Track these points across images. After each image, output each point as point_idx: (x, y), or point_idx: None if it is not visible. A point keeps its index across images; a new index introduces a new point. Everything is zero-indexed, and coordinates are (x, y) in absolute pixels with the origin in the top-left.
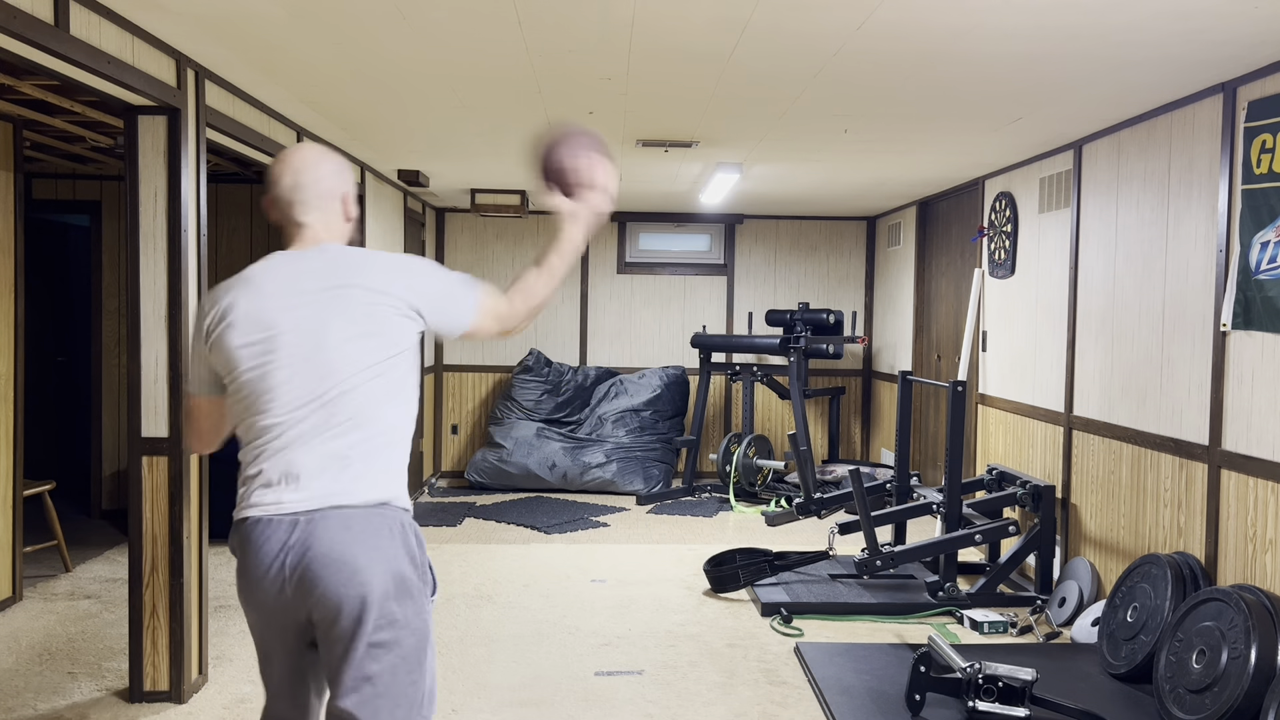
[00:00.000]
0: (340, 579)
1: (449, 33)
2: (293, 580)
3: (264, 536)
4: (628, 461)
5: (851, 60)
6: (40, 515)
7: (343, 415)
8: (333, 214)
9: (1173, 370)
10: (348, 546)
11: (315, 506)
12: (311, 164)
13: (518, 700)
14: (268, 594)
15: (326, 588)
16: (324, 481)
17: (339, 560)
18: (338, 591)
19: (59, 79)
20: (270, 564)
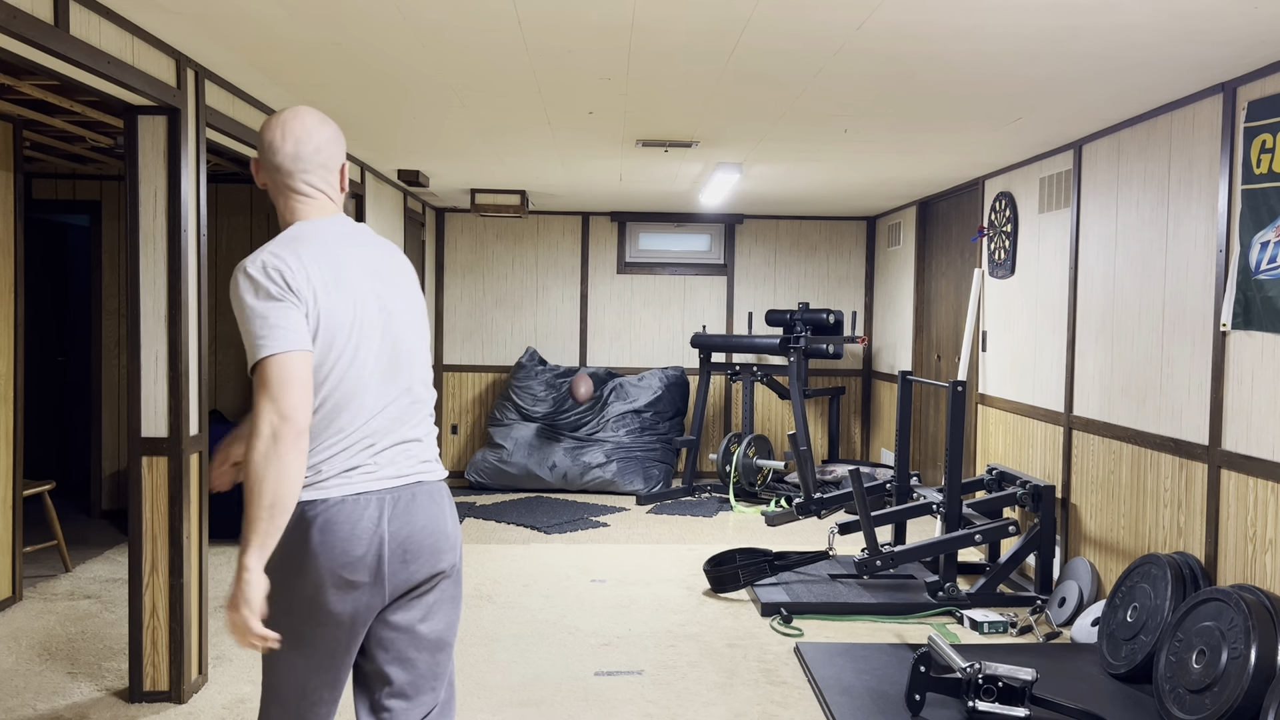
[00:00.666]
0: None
1: (449, 33)
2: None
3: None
4: (628, 461)
5: (851, 60)
6: (40, 515)
7: (422, 406)
8: (333, 185)
9: (1173, 370)
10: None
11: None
12: (312, 132)
13: (518, 700)
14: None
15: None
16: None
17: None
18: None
19: (59, 79)
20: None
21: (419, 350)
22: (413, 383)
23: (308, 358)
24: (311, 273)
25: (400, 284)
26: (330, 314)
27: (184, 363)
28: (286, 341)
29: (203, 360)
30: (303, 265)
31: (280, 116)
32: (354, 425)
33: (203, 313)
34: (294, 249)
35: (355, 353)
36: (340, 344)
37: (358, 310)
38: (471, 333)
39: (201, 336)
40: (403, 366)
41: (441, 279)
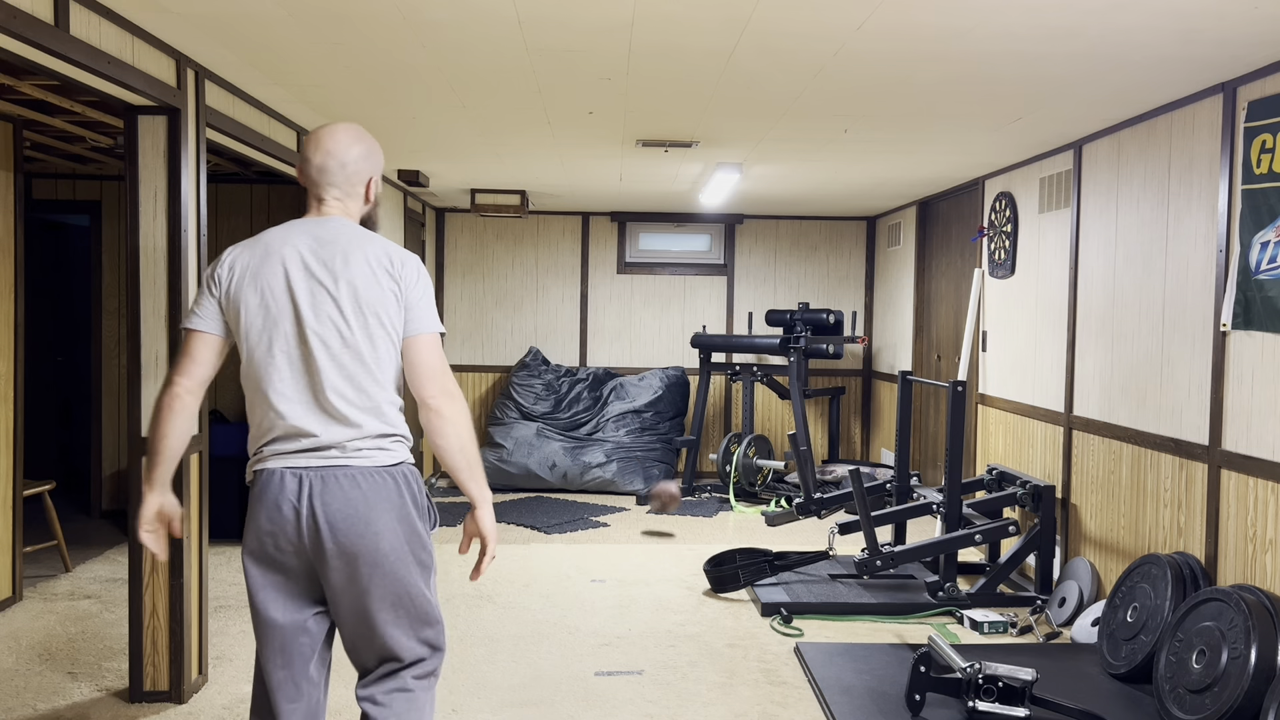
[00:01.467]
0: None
1: (449, 33)
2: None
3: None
4: (628, 461)
5: (851, 60)
6: (40, 515)
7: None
8: (356, 196)
9: (1173, 370)
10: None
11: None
12: (343, 148)
13: (518, 700)
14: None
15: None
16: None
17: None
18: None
19: (59, 79)
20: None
21: (347, 333)
22: (329, 359)
23: (195, 339)
24: (236, 265)
25: (344, 277)
26: (241, 297)
27: None
28: (189, 321)
29: None
30: (233, 258)
31: (319, 131)
32: (265, 405)
33: None
34: (246, 244)
35: (265, 338)
36: (253, 328)
37: (275, 299)
38: (471, 333)
39: None
40: (320, 346)
41: (441, 279)
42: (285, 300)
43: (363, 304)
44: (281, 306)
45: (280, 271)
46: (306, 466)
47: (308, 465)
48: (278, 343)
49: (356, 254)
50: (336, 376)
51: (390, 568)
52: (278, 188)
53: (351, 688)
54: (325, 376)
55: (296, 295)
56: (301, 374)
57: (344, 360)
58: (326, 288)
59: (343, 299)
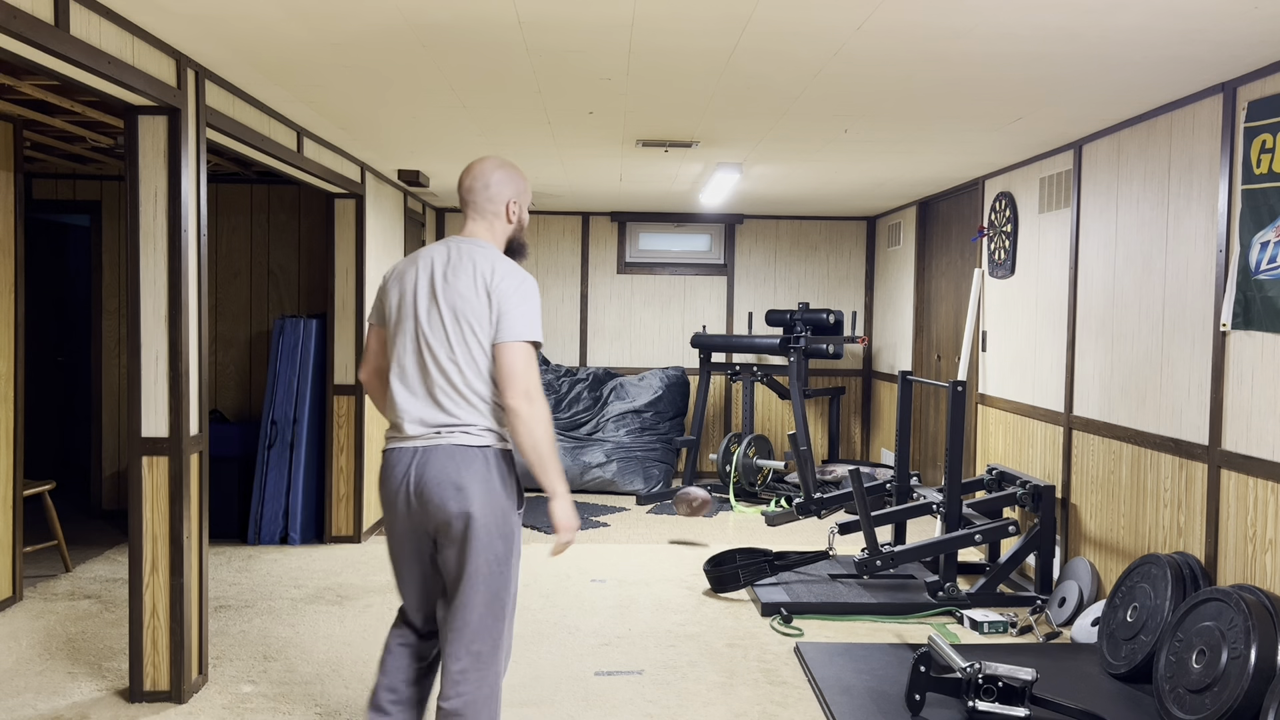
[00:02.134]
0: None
1: (449, 33)
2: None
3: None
4: (628, 461)
5: (851, 60)
6: (40, 515)
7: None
8: (500, 209)
9: (1173, 370)
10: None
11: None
12: (485, 173)
13: (518, 700)
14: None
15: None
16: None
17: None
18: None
19: (59, 79)
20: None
21: (449, 339)
22: (434, 361)
23: (374, 331)
24: (395, 269)
25: (453, 290)
26: (387, 301)
27: (184, 363)
28: (369, 315)
29: (203, 360)
30: (394, 264)
31: (470, 162)
32: (391, 391)
33: (203, 313)
34: (416, 252)
35: (398, 333)
36: (391, 322)
37: (405, 302)
38: None
39: (202, 336)
40: (429, 348)
41: None
42: (410, 305)
43: (459, 314)
44: (408, 309)
45: (414, 279)
46: (414, 446)
47: (415, 445)
48: (404, 339)
49: (467, 269)
50: (438, 374)
51: (480, 551)
52: (278, 188)
53: (353, 688)
54: (432, 373)
55: (419, 301)
56: (416, 368)
57: (444, 362)
58: (438, 298)
59: (446, 309)
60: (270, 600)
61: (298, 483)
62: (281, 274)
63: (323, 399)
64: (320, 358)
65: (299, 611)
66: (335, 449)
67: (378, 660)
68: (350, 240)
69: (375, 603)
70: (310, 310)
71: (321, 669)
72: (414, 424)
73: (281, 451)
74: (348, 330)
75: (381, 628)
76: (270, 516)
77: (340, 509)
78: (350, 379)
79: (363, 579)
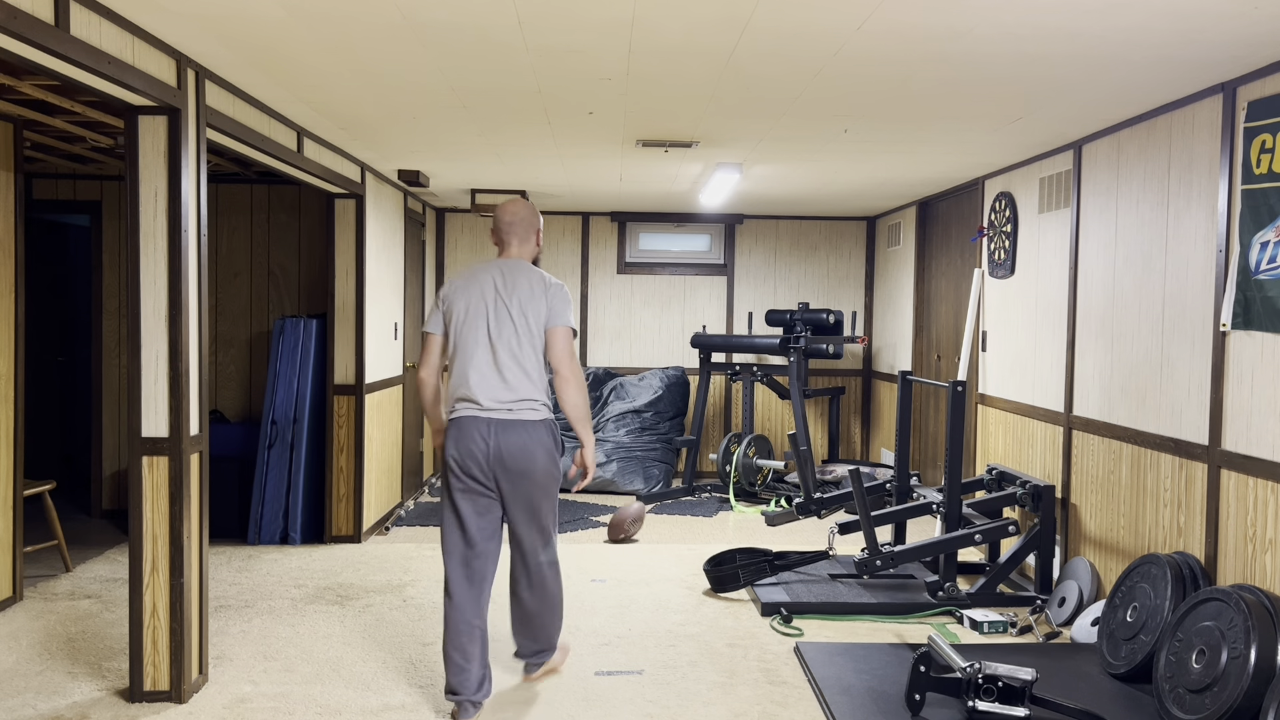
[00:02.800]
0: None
1: (449, 33)
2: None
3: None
4: (628, 461)
5: (851, 60)
6: (40, 515)
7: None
8: (530, 239)
9: (1172, 370)
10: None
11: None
12: (519, 210)
13: (518, 700)
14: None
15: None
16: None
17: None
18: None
19: (59, 79)
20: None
21: (516, 336)
22: (505, 352)
23: (431, 339)
24: (451, 288)
25: (515, 297)
26: (453, 309)
27: (184, 363)
28: (426, 325)
29: (203, 360)
30: (452, 284)
31: (503, 204)
32: (464, 374)
33: (203, 313)
34: (462, 274)
35: (465, 332)
36: (458, 326)
37: (472, 308)
38: None
39: (202, 336)
40: (499, 342)
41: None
42: (480, 309)
43: (524, 312)
44: (477, 313)
45: (479, 291)
46: (489, 417)
47: (490, 416)
48: (477, 335)
49: (524, 282)
50: (508, 359)
51: (536, 490)
52: (278, 188)
53: (354, 689)
54: (500, 358)
55: (487, 306)
56: (488, 355)
57: (514, 349)
58: (505, 303)
59: (513, 311)
60: (270, 600)
61: (298, 483)
62: (282, 274)
63: (323, 399)
64: (320, 358)
65: (299, 611)
66: (335, 449)
67: (448, 638)
68: (350, 240)
69: (375, 603)
70: (310, 310)
71: (321, 669)
72: (489, 400)
73: (282, 451)
74: (348, 330)
75: (382, 627)
76: (270, 516)
77: (340, 509)
78: (350, 379)
79: (363, 579)
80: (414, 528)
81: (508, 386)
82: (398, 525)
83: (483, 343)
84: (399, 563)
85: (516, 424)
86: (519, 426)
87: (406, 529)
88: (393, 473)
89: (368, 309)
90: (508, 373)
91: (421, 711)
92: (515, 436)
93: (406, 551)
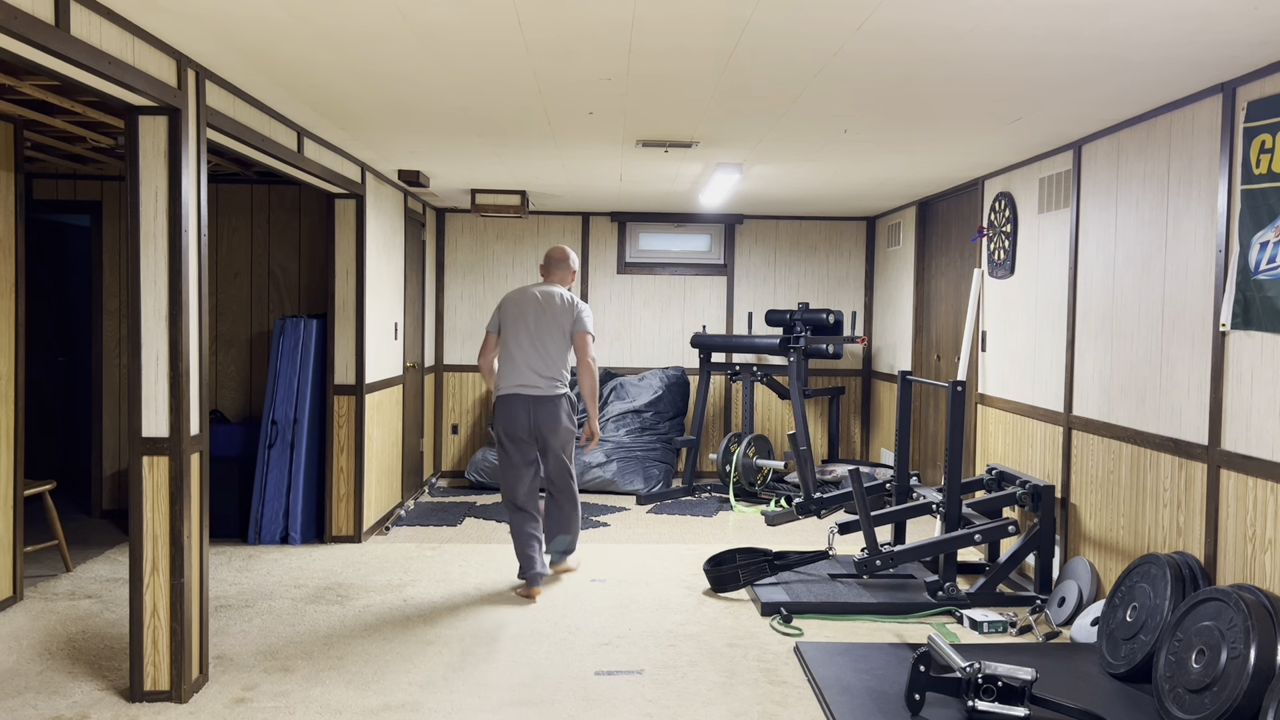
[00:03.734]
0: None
1: (449, 32)
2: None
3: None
4: (628, 461)
5: (851, 61)
6: (41, 515)
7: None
8: (565, 274)
9: (1172, 370)
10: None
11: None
12: (559, 255)
13: (518, 700)
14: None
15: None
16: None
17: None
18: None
19: (59, 79)
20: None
21: (548, 337)
22: (540, 349)
23: (490, 336)
24: (506, 301)
25: (549, 311)
26: (505, 316)
27: (184, 363)
28: (488, 326)
29: (203, 360)
30: (507, 298)
31: (553, 247)
32: (511, 363)
33: (203, 313)
34: (514, 291)
35: (513, 332)
36: (508, 327)
37: (519, 316)
38: (472, 333)
39: (202, 336)
40: (536, 341)
41: (442, 279)
42: (524, 316)
43: (557, 321)
44: (524, 318)
45: (525, 302)
46: (527, 395)
47: (528, 394)
48: (521, 335)
49: (557, 299)
50: (541, 351)
51: (560, 440)
52: (278, 188)
53: (354, 689)
54: (539, 352)
55: (530, 314)
56: (530, 349)
57: (547, 347)
58: (544, 312)
59: (547, 318)
60: (270, 600)
61: (298, 482)
62: (282, 274)
63: (323, 399)
64: (321, 358)
65: (299, 611)
66: (335, 449)
67: (518, 526)
68: (350, 240)
69: (375, 602)
70: (310, 310)
71: (322, 669)
72: (526, 384)
73: (282, 451)
74: (348, 330)
75: (383, 627)
76: (270, 516)
77: (341, 509)
78: (350, 379)
79: (363, 579)
80: (414, 528)
81: (538, 373)
82: (398, 525)
83: (525, 342)
84: (399, 563)
85: (546, 399)
86: (548, 401)
87: (407, 529)
88: (393, 473)
89: (368, 309)
90: (540, 362)
91: (421, 711)
92: (545, 408)
93: (407, 551)
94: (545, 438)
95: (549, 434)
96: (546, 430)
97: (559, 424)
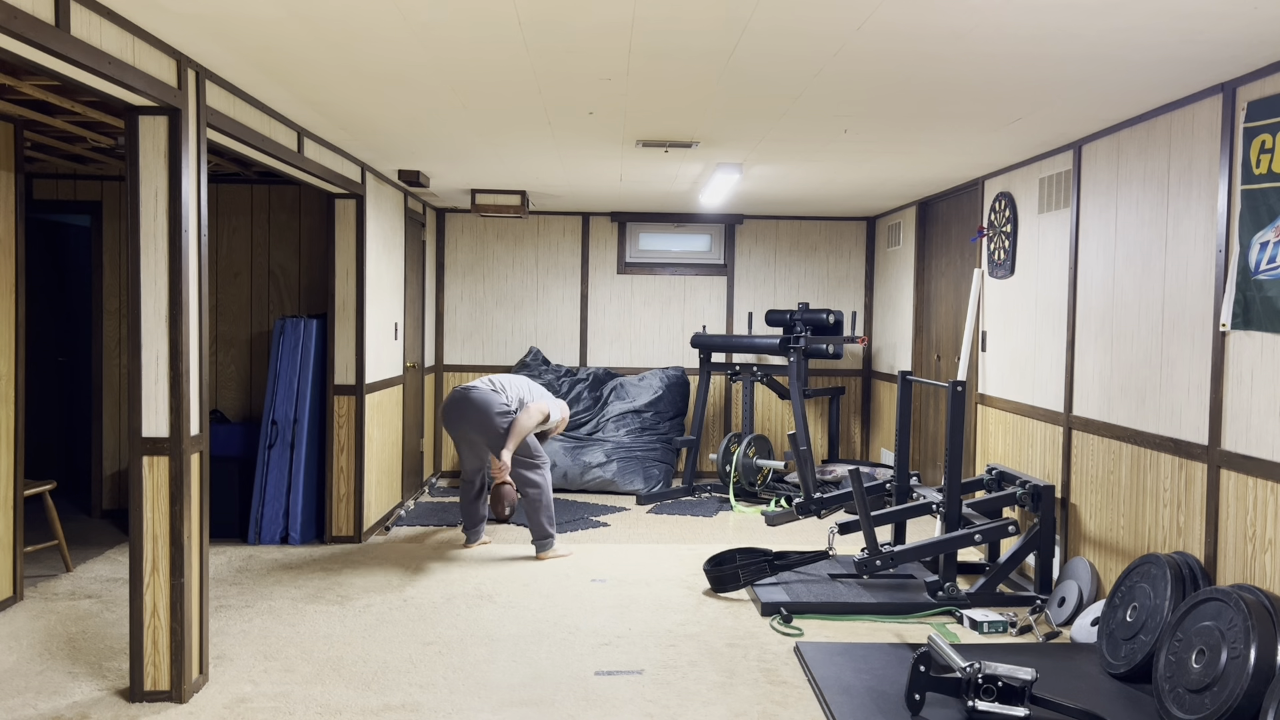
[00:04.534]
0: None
1: (449, 33)
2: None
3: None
4: (628, 461)
5: (851, 61)
6: (41, 515)
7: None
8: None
9: (1172, 370)
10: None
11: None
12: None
13: (518, 700)
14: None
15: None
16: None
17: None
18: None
19: (59, 79)
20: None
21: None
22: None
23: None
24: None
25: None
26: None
27: (185, 363)
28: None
29: (203, 360)
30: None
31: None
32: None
33: (203, 313)
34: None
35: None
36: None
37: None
38: (472, 333)
39: (202, 337)
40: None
41: (442, 279)
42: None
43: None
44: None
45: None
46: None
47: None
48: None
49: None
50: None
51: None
52: (278, 188)
53: (354, 689)
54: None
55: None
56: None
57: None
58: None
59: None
60: (270, 600)
61: (298, 483)
62: (282, 274)
63: (323, 399)
64: (321, 358)
65: (299, 611)
66: (335, 449)
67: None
68: (350, 240)
69: (375, 602)
70: (310, 310)
71: (322, 669)
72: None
73: (282, 451)
74: (348, 330)
75: (383, 627)
76: (270, 516)
77: (340, 509)
78: (350, 379)
79: (363, 579)
80: (414, 528)
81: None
82: (398, 525)
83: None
84: (399, 563)
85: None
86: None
87: (407, 529)
88: (393, 473)
89: (368, 309)
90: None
91: (421, 712)
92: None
93: (407, 551)
94: (475, 437)
95: (476, 434)
96: (473, 430)
97: (487, 421)
